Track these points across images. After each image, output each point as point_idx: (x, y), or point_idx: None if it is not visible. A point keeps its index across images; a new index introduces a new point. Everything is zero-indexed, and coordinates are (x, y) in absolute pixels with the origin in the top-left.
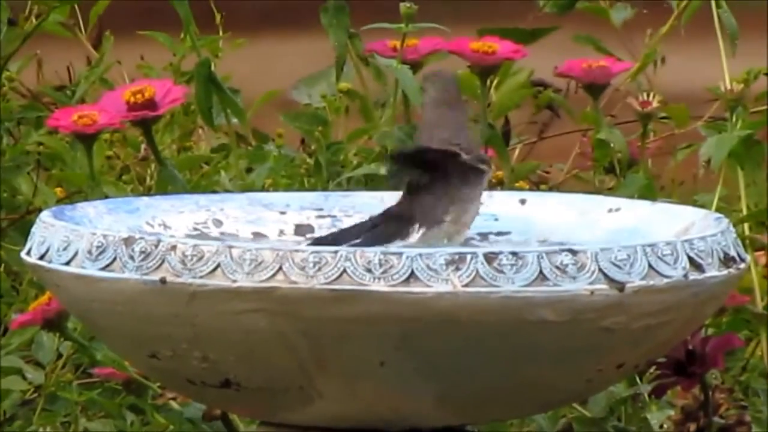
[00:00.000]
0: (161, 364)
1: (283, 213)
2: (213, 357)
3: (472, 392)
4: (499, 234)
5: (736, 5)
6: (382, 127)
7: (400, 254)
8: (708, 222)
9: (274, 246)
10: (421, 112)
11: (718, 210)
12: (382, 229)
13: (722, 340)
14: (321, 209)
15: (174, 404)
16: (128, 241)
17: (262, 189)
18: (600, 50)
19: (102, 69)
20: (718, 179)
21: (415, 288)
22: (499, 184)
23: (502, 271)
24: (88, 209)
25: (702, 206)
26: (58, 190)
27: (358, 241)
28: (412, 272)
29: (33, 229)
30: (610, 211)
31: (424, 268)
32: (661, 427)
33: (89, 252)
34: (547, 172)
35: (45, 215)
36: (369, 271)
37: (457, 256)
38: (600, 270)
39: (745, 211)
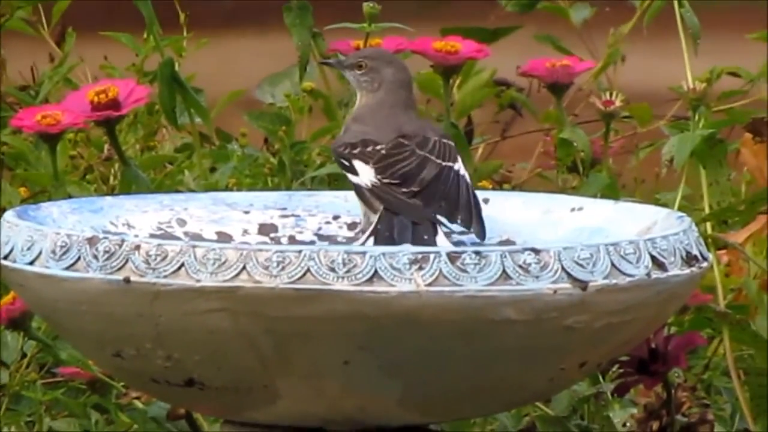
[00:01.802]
0: (125, 364)
1: (246, 212)
2: (177, 356)
3: (435, 391)
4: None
5: (697, 5)
6: None
7: (364, 253)
8: (670, 221)
9: (238, 245)
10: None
11: (680, 209)
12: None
13: (685, 339)
14: (285, 208)
15: (138, 403)
16: (92, 241)
17: (226, 188)
18: (561, 50)
19: (65, 69)
20: (681, 178)
21: (378, 287)
22: None
23: (465, 271)
24: (52, 209)
25: (664, 205)
26: (22, 189)
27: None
28: (376, 271)
29: None
30: (573, 210)
31: (387, 267)
32: (623, 425)
33: (53, 252)
34: (510, 171)
35: (9, 215)
36: (333, 270)
37: (420, 256)
38: (563, 269)
39: (707, 210)
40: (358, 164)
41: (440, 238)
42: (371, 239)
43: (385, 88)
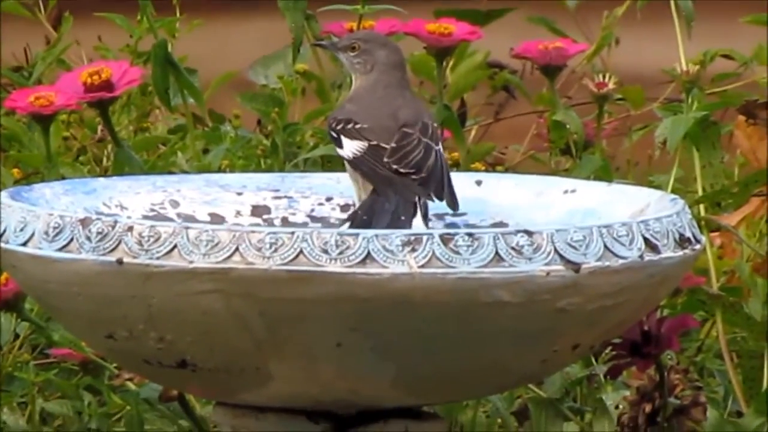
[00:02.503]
0: (118, 345)
1: (239, 194)
2: (169, 338)
3: (428, 373)
4: (455, 215)
5: None
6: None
7: (357, 235)
8: (663, 203)
9: (231, 227)
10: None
11: (673, 191)
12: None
13: (677, 321)
14: (278, 190)
15: (131, 385)
16: (85, 222)
17: (219, 170)
18: (554, 32)
19: (59, 50)
20: (674, 160)
21: (371, 269)
22: (455, 166)
23: (458, 252)
24: (44, 190)
25: (658, 187)
26: (15, 171)
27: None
28: (369, 253)
29: None
30: (566, 192)
31: (380, 249)
32: (616, 407)
33: (46, 233)
34: (503, 154)
35: (2, 196)
36: (326, 252)
37: (413, 238)
38: (556, 251)
39: (700, 192)
40: (344, 140)
41: (417, 220)
42: (347, 223)
43: (379, 69)
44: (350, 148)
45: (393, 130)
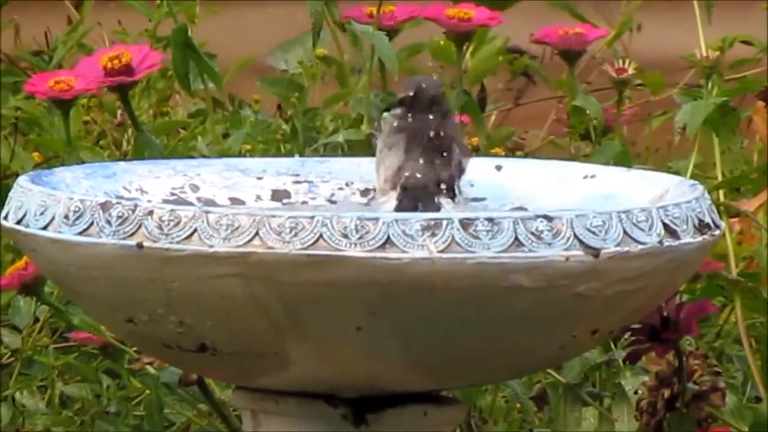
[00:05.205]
0: (137, 329)
1: (259, 178)
2: (189, 322)
3: (446, 357)
4: (474, 200)
5: None
6: (358, 93)
7: (377, 220)
8: (683, 189)
9: (251, 211)
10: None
11: (693, 177)
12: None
13: (697, 307)
14: (297, 175)
15: (150, 369)
16: (105, 206)
17: (239, 154)
18: (576, 17)
19: (79, 34)
20: (693, 146)
21: (391, 254)
22: (474, 151)
23: (477, 237)
24: (65, 174)
25: (677, 173)
26: (36, 155)
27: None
28: (388, 238)
29: (10, 194)
30: (585, 177)
31: (400, 233)
32: (635, 392)
33: (66, 217)
34: (523, 139)
35: (22, 180)
36: (345, 236)
37: (432, 222)
38: (575, 236)
39: (720, 178)
40: None
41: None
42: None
43: None
44: None
45: None
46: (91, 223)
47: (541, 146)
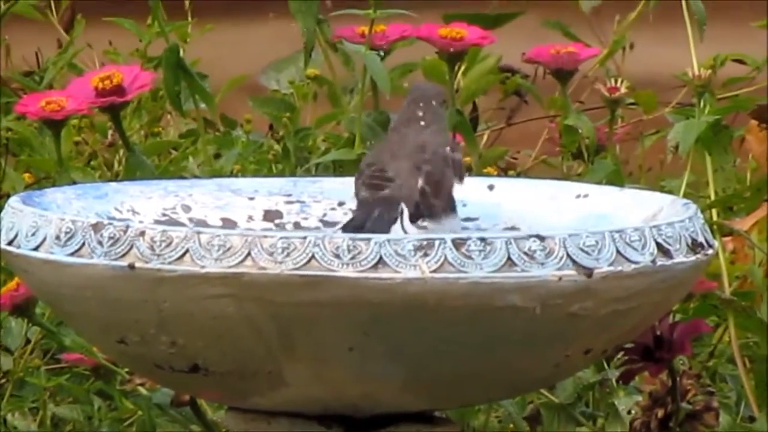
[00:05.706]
0: (129, 350)
1: (251, 199)
2: (181, 342)
3: (440, 377)
4: (467, 220)
5: None
6: (350, 112)
7: (369, 240)
8: (676, 208)
9: (243, 231)
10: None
11: (685, 196)
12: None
13: (690, 326)
14: (290, 195)
15: (142, 390)
16: (97, 227)
17: (231, 175)
18: (568, 36)
19: (70, 55)
20: (686, 165)
21: (383, 274)
22: (467, 170)
23: (470, 257)
24: (56, 195)
25: (670, 192)
26: (27, 175)
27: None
28: (381, 258)
29: (1, 215)
30: (578, 197)
31: (392, 254)
32: (628, 412)
33: (57, 237)
34: (515, 158)
35: (13, 201)
36: (337, 256)
37: (425, 242)
38: (568, 256)
39: (712, 197)
40: None
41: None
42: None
43: None
44: None
45: None
46: (83, 244)
47: (533, 165)
